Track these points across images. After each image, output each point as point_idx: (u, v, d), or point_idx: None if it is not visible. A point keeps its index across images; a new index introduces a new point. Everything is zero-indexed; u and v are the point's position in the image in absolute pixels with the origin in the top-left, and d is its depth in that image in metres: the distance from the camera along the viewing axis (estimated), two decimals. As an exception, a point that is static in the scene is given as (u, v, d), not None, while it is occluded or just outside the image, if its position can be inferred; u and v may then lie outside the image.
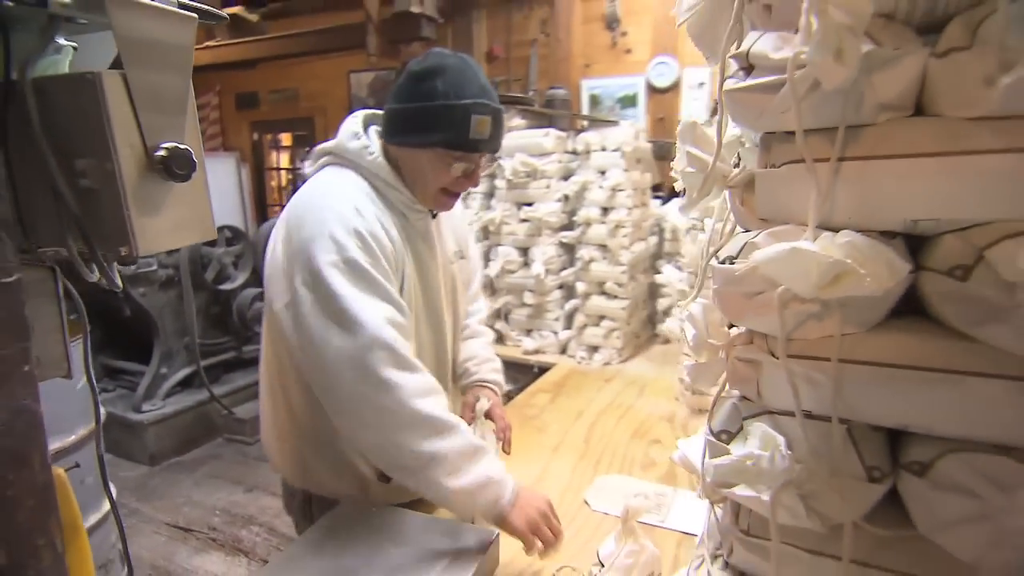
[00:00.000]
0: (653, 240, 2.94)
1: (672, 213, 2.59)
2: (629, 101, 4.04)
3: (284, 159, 6.01)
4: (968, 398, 0.51)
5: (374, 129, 1.32)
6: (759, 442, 0.54)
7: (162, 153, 0.70)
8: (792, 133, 0.56)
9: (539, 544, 1.12)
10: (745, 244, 0.57)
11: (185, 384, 3.81)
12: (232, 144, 5.51)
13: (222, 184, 4.79)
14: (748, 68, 0.58)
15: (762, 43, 0.55)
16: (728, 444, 0.62)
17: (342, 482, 1.34)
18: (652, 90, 3.94)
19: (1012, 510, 0.47)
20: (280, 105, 5.23)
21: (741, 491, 0.58)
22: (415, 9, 3.50)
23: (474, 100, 1.16)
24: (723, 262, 0.60)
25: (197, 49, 0.77)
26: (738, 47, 0.62)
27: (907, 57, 0.51)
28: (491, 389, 1.47)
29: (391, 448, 1.10)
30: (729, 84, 0.59)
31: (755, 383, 0.62)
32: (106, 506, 2.03)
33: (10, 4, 0.61)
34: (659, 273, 2.71)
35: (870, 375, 0.54)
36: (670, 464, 1.75)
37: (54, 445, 1.84)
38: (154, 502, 3.25)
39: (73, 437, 1.95)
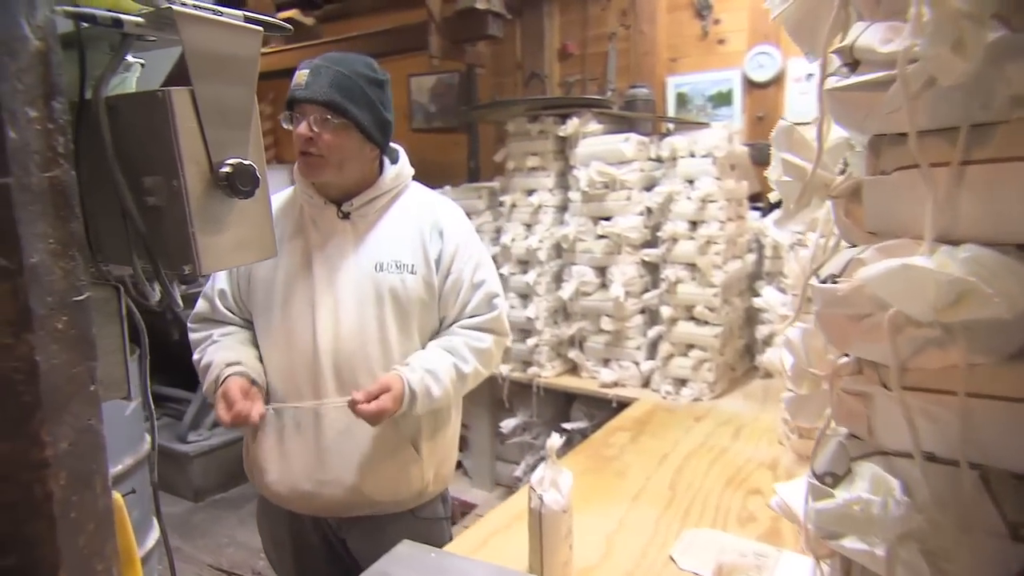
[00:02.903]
0: (751, 258, 2.90)
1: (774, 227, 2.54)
2: (722, 99, 4.00)
3: (340, 170, 6.23)
4: None
5: None
6: (869, 485, 0.53)
7: (227, 169, 0.77)
8: (905, 135, 0.56)
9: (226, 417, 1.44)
10: (850, 261, 0.57)
11: (233, 414, 4.00)
12: (286, 156, 5.70)
13: (276, 198, 5.04)
14: (853, 64, 0.58)
15: (868, 35, 0.56)
16: (833, 488, 0.61)
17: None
18: (750, 85, 3.88)
19: None
20: (336, 113, 5.44)
21: (851, 543, 0.57)
22: (481, 5, 3.60)
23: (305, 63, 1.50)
24: (824, 281, 0.60)
25: (249, 57, 0.85)
26: (842, 40, 0.62)
27: (1046, 44, 0.51)
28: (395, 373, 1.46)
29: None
30: (831, 82, 0.60)
31: (865, 419, 0.61)
32: (150, 542, 2.15)
33: (87, 26, 0.70)
34: (758, 296, 2.66)
35: (1006, 412, 0.53)
36: (773, 519, 1.71)
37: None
38: (196, 540, 3.41)
39: (119, 466, 2.06)
